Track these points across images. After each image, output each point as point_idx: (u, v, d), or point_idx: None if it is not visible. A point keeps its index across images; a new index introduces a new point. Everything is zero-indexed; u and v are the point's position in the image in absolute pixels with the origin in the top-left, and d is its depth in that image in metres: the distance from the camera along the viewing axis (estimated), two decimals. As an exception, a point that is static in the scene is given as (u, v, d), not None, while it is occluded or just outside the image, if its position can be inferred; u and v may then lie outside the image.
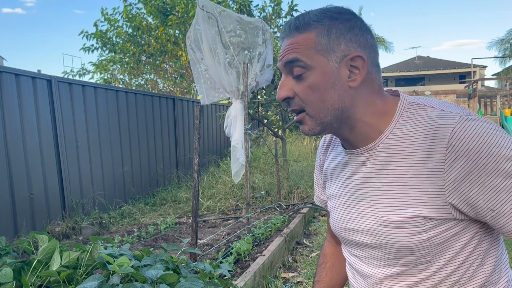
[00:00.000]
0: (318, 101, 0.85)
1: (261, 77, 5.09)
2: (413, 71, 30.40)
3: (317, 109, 0.85)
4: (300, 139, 10.89)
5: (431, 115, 0.83)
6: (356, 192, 0.93)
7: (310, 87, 0.84)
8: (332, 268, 1.19)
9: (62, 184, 5.05)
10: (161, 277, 1.41)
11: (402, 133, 0.85)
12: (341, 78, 0.84)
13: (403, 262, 0.88)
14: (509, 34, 22.92)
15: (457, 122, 0.78)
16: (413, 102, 0.88)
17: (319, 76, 0.84)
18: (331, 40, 0.83)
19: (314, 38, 0.84)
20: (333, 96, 0.84)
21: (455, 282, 0.87)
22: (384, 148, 0.87)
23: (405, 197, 0.84)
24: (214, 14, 4.64)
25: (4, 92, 4.33)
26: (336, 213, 1.01)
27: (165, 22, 10.74)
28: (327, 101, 0.84)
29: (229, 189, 6.53)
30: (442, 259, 0.85)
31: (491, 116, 15.01)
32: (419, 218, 0.82)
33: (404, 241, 0.85)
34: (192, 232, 3.00)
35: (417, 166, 0.82)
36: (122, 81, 12.65)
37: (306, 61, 0.83)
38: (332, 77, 0.84)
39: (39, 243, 1.48)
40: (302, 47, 0.84)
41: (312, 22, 0.84)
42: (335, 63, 0.84)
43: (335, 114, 0.85)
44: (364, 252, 0.95)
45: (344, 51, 0.84)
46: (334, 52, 0.83)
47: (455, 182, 0.78)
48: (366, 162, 0.90)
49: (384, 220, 0.86)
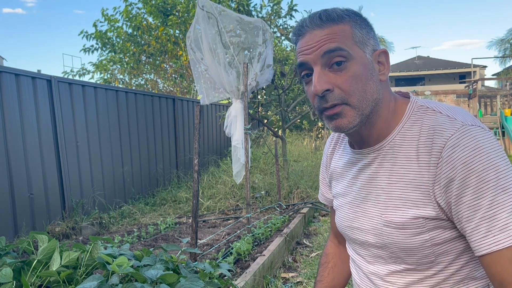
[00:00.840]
0: (361, 91, 0.84)
1: (261, 77, 5.09)
2: (413, 71, 30.39)
3: (360, 99, 0.84)
4: (300, 139, 10.88)
5: (436, 120, 0.84)
6: (361, 192, 0.94)
7: (353, 76, 0.83)
8: (334, 268, 1.19)
9: (62, 184, 5.04)
10: (161, 277, 1.40)
11: (409, 135, 0.86)
12: (375, 70, 0.86)
13: (407, 261, 0.89)
14: (509, 34, 22.92)
15: (456, 130, 0.79)
16: (422, 105, 0.89)
17: (360, 66, 0.84)
18: (364, 34, 0.86)
19: (349, 30, 0.85)
20: (373, 87, 0.85)
21: (458, 281, 0.87)
22: (390, 149, 0.88)
23: (407, 198, 0.85)
24: (214, 14, 4.64)
25: (4, 92, 4.33)
26: (342, 212, 1.02)
27: (166, 22, 10.74)
28: (369, 92, 0.85)
29: (229, 189, 6.53)
30: (446, 259, 0.86)
31: (491, 116, 15.01)
32: (420, 220, 0.83)
33: (406, 242, 0.85)
34: (192, 232, 3.00)
35: (419, 168, 0.83)
36: (122, 81, 12.65)
37: (349, 51, 0.83)
38: (370, 68, 0.85)
39: (39, 243, 1.48)
40: (341, 37, 0.83)
41: (344, 15, 0.86)
42: (369, 56, 0.86)
43: (373, 105, 0.86)
44: (369, 251, 0.96)
45: (373, 46, 0.87)
46: (367, 45, 0.86)
47: (441, 187, 0.79)
48: (373, 162, 0.91)
49: (387, 221, 0.87)
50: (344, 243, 1.18)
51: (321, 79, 0.83)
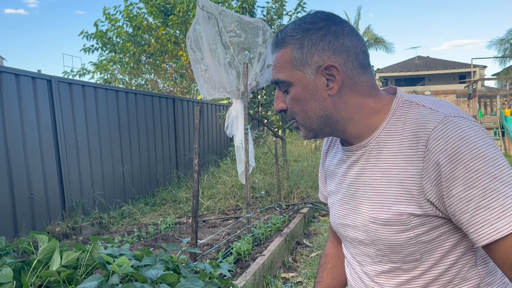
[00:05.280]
0: (302, 112, 0.91)
1: (261, 77, 5.09)
2: (413, 71, 30.39)
3: (303, 118, 0.92)
4: (300, 139, 10.89)
5: (419, 113, 0.84)
6: (350, 188, 0.95)
7: (293, 99, 0.90)
8: (333, 269, 1.20)
9: (62, 184, 5.04)
10: (161, 277, 1.41)
11: (393, 130, 0.87)
12: (318, 88, 0.88)
13: (393, 259, 0.89)
14: (509, 34, 22.90)
15: (439, 122, 0.79)
16: (407, 100, 0.89)
17: (299, 89, 0.89)
18: (304, 54, 0.87)
19: (289, 54, 0.89)
20: (314, 106, 0.89)
21: (447, 282, 0.87)
22: (376, 145, 0.89)
23: (390, 194, 0.85)
24: (214, 14, 4.64)
25: (4, 92, 4.33)
26: (334, 209, 1.03)
27: (166, 22, 10.73)
28: (310, 111, 0.90)
29: (229, 189, 6.53)
30: (431, 258, 0.86)
31: (490, 116, 15.01)
32: (404, 216, 0.83)
33: (391, 238, 0.86)
34: (192, 232, 3.00)
35: (403, 163, 0.83)
36: (122, 81, 12.64)
37: (286, 79, 0.89)
38: (310, 88, 0.88)
39: (39, 243, 1.48)
40: (281, 65, 0.90)
41: (287, 37, 0.90)
42: (311, 75, 0.88)
43: (321, 121, 0.90)
44: (358, 249, 0.97)
45: (317, 62, 0.87)
46: (308, 65, 0.88)
47: (431, 181, 0.79)
48: (360, 159, 0.92)
49: (373, 217, 0.88)
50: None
51: (276, 100, 0.95)
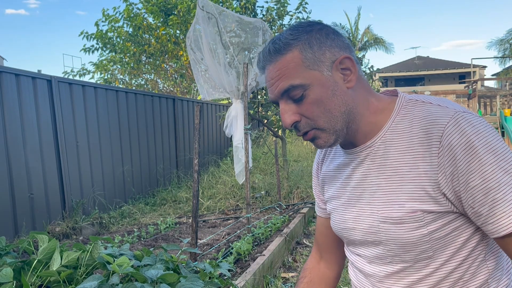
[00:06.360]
0: (325, 112, 0.86)
1: (261, 77, 5.09)
2: (413, 71, 30.41)
3: (327, 120, 0.86)
4: (300, 139, 10.88)
5: (428, 110, 0.85)
6: (356, 191, 0.94)
7: (313, 102, 0.85)
8: (309, 284, 1.17)
9: (62, 184, 5.05)
10: (161, 277, 1.41)
11: (400, 129, 0.87)
12: (337, 83, 0.86)
13: (405, 259, 0.88)
14: (508, 34, 22.92)
15: (451, 117, 0.80)
16: (411, 99, 0.90)
17: (318, 89, 0.84)
18: (315, 52, 0.84)
19: (298, 56, 0.84)
20: (337, 102, 0.86)
21: (458, 278, 0.87)
22: (382, 144, 0.89)
23: (403, 191, 0.84)
24: (214, 14, 4.64)
25: (4, 92, 4.33)
26: (336, 214, 1.01)
27: (166, 22, 10.73)
28: (334, 109, 0.86)
29: (229, 189, 6.53)
30: (443, 254, 0.86)
31: (490, 116, 15.01)
32: (418, 213, 0.83)
33: (404, 237, 0.85)
34: (192, 232, 3.00)
35: (414, 160, 0.83)
36: (122, 81, 12.64)
37: (302, 82, 0.84)
38: (330, 85, 0.85)
39: (39, 243, 1.48)
40: (290, 70, 0.84)
41: (290, 41, 0.85)
42: (328, 72, 0.85)
43: (344, 118, 0.87)
44: (366, 251, 0.95)
45: (330, 58, 0.85)
46: (322, 62, 0.85)
47: (447, 176, 0.79)
48: (365, 160, 0.91)
49: (383, 217, 0.87)
50: (325, 259, 1.18)
51: (286, 114, 0.87)
